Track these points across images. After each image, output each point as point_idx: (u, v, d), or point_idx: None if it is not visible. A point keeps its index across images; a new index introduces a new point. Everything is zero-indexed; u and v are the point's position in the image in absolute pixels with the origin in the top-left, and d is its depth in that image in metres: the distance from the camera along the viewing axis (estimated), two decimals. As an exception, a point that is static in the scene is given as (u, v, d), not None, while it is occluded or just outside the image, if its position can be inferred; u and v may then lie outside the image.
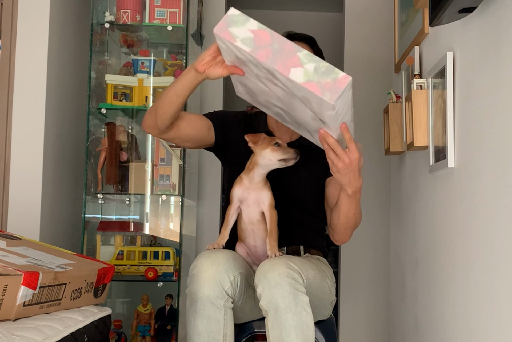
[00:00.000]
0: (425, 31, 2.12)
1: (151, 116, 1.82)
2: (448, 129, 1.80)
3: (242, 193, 1.81)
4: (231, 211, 1.83)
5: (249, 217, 1.82)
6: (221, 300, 1.67)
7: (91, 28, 2.74)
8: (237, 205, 1.83)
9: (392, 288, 2.89)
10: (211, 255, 1.71)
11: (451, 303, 1.83)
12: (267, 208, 1.80)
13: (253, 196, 1.81)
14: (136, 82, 2.74)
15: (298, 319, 1.62)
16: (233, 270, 1.70)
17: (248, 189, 1.81)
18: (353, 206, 1.78)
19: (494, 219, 1.48)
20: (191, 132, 1.94)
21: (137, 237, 2.78)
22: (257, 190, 1.80)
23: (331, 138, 1.60)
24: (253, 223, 1.83)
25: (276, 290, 1.62)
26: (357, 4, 3.37)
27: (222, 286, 1.67)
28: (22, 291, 1.48)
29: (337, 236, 1.92)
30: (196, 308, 1.68)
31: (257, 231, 1.83)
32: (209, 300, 1.66)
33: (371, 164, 3.26)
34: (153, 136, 1.96)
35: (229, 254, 1.74)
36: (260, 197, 1.81)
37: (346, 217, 1.82)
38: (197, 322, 1.68)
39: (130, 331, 2.77)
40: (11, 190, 2.50)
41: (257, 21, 1.46)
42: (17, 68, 2.53)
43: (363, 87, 3.30)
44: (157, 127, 1.83)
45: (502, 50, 1.44)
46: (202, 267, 1.68)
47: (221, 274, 1.67)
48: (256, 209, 1.81)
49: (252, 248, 1.86)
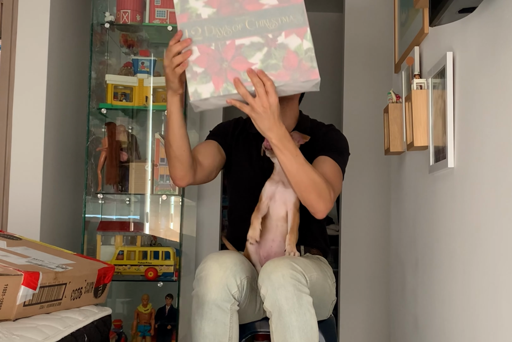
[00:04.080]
0: (425, 31, 2.12)
1: (175, 167, 1.85)
2: (448, 129, 1.80)
3: (271, 187, 1.84)
4: (263, 205, 1.84)
5: (276, 212, 1.84)
6: (227, 304, 1.68)
7: (91, 28, 2.74)
8: (266, 202, 1.85)
9: (392, 288, 2.89)
10: (219, 258, 1.71)
11: (451, 303, 1.83)
12: (291, 207, 1.83)
13: (280, 191, 1.83)
14: (136, 82, 2.74)
15: (302, 321, 1.63)
16: (240, 274, 1.70)
17: (277, 183, 1.84)
18: (288, 157, 1.70)
19: (494, 219, 1.48)
20: (211, 161, 1.97)
21: (137, 237, 2.78)
22: (285, 186, 1.83)
23: (243, 88, 1.60)
24: (278, 219, 1.85)
25: (280, 291, 1.62)
26: (357, 4, 3.37)
27: (229, 289, 1.67)
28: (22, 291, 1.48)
29: (306, 205, 1.81)
30: (202, 311, 1.68)
31: (281, 227, 1.85)
32: (216, 304, 1.67)
33: (371, 164, 3.26)
34: (190, 185, 1.97)
35: (236, 257, 1.74)
36: (287, 194, 1.83)
37: (293, 175, 1.73)
38: (203, 325, 1.68)
39: (130, 331, 2.77)
40: (11, 190, 2.50)
41: None
42: (17, 68, 2.53)
43: (363, 87, 3.30)
44: (188, 173, 1.86)
45: (502, 50, 1.44)
46: (210, 270, 1.68)
47: (228, 278, 1.67)
48: (282, 206, 1.84)
49: (268, 243, 1.87)
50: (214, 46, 1.61)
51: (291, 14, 1.58)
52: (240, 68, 1.60)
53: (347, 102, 3.35)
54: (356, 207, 3.29)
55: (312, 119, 2.11)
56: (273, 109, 1.62)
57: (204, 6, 1.62)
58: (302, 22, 1.59)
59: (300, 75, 1.58)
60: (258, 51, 1.59)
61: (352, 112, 3.32)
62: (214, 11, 1.61)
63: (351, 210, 3.29)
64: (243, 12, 1.60)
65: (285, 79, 1.59)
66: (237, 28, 1.60)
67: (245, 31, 1.60)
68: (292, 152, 1.71)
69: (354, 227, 3.28)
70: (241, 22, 1.60)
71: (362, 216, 3.28)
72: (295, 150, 1.71)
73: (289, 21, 1.58)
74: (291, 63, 1.59)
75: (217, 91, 1.61)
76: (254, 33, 1.60)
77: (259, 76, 1.58)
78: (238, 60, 1.60)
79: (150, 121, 2.81)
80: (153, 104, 2.76)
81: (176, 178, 1.88)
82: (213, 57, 1.61)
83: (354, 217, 3.29)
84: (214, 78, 1.61)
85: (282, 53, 1.59)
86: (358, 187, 3.26)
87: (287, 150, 1.70)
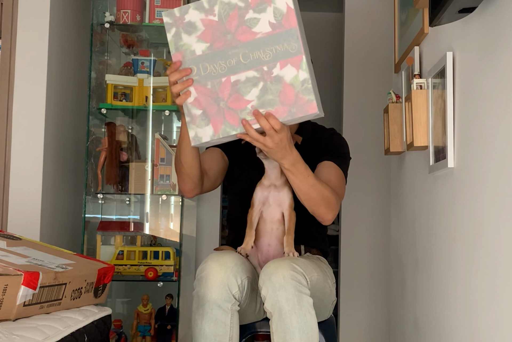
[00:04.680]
0: (425, 31, 2.12)
1: (185, 182, 1.88)
2: (448, 129, 1.80)
3: (262, 193, 1.83)
4: (254, 213, 1.84)
5: (270, 216, 1.84)
6: (228, 304, 1.68)
7: (91, 28, 2.74)
8: (259, 208, 1.84)
9: (392, 288, 2.89)
10: (220, 258, 1.71)
11: (451, 303, 1.83)
12: (287, 208, 1.82)
13: (274, 195, 1.82)
14: (136, 82, 2.74)
15: (303, 322, 1.63)
16: (241, 274, 1.70)
17: (269, 187, 1.83)
18: (300, 179, 1.73)
19: (494, 219, 1.48)
20: (216, 169, 1.99)
21: (137, 237, 2.78)
22: (278, 189, 1.82)
23: (253, 131, 1.58)
24: (273, 222, 1.84)
25: (280, 292, 1.62)
26: (357, 4, 3.37)
27: (230, 289, 1.67)
28: (22, 291, 1.48)
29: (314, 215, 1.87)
30: (203, 311, 1.68)
31: (276, 230, 1.85)
32: (217, 304, 1.67)
33: (371, 164, 3.26)
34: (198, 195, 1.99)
35: (237, 257, 1.74)
36: (281, 197, 1.82)
37: (304, 194, 1.77)
38: (203, 325, 1.68)
39: (130, 331, 2.77)
40: (11, 190, 2.50)
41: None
42: (17, 68, 2.53)
43: (363, 87, 3.30)
44: (197, 185, 1.89)
45: (502, 50, 1.44)
46: (211, 270, 1.68)
47: (229, 278, 1.67)
48: (277, 208, 1.83)
49: (265, 247, 1.87)
50: (210, 85, 1.59)
51: (285, 42, 1.52)
52: (237, 107, 1.57)
53: (347, 102, 3.35)
54: (356, 207, 3.29)
55: (312, 123, 2.11)
56: (284, 143, 1.62)
57: (198, 41, 1.59)
58: (296, 50, 1.52)
59: (297, 110, 1.53)
60: (254, 87, 1.55)
61: (352, 112, 3.32)
62: (207, 46, 1.58)
63: (351, 210, 3.29)
64: (236, 44, 1.56)
65: (283, 115, 1.54)
66: (232, 62, 1.56)
67: (239, 65, 1.56)
68: (304, 174, 1.73)
69: (354, 227, 3.28)
70: (235, 56, 1.56)
71: (362, 216, 3.28)
72: (306, 171, 1.73)
73: (284, 50, 1.53)
74: (288, 98, 1.53)
75: (216, 134, 1.59)
76: (249, 67, 1.55)
77: (268, 119, 1.55)
78: (235, 98, 1.57)
79: (150, 121, 2.81)
80: (153, 104, 2.76)
81: (185, 191, 1.92)
82: (210, 98, 1.59)
83: (354, 217, 3.29)
84: (212, 120, 1.59)
85: (278, 87, 1.54)
86: (358, 187, 3.25)
87: (299, 173, 1.72)
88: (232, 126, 1.58)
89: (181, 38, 1.61)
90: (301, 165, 1.72)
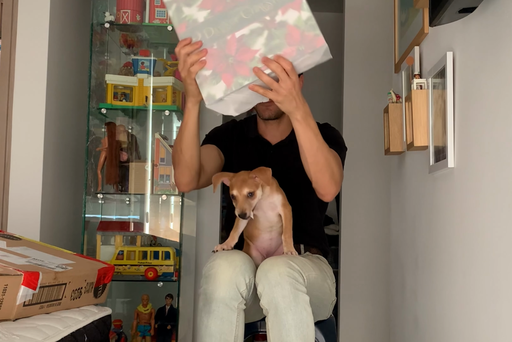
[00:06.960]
0: (425, 31, 2.12)
1: (183, 174, 1.86)
2: (448, 129, 1.80)
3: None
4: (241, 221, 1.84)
5: (268, 221, 1.84)
6: (235, 302, 1.67)
7: (91, 28, 2.74)
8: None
9: (392, 288, 2.89)
10: (228, 256, 1.71)
11: (451, 303, 1.83)
12: (281, 208, 1.82)
13: (266, 203, 1.81)
14: (136, 82, 2.74)
15: (298, 319, 1.63)
16: (249, 273, 1.70)
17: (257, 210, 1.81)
18: (309, 135, 1.72)
19: (494, 219, 1.48)
20: (212, 165, 1.98)
21: (137, 237, 2.78)
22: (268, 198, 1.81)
23: (266, 76, 1.58)
24: (271, 225, 1.85)
25: (276, 289, 1.63)
26: (357, 4, 3.36)
27: (238, 288, 1.67)
28: (22, 291, 1.48)
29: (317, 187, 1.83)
30: (210, 308, 1.67)
31: (275, 227, 1.85)
32: (224, 302, 1.66)
33: (371, 164, 3.26)
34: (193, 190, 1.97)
35: (244, 256, 1.75)
36: (273, 202, 1.82)
37: (311, 155, 1.75)
38: (210, 322, 1.68)
39: (130, 331, 2.77)
40: (11, 190, 2.50)
41: None
42: (17, 68, 2.53)
43: (363, 87, 3.30)
44: (194, 179, 1.88)
45: (502, 50, 1.44)
46: (219, 268, 1.68)
47: (237, 276, 1.67)
48: (272, 213, 1.83)
49: (266, 242, 1.87)
50: (216, 45, 1.61)
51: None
52: (245, 59, 1.58)
53: (347, 102, 3.34)
54: (356, 207, 3.29)
55: None
56: (296, 89, 1.62)
57: (199, 10, 1.61)
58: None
59: (306, 47, 1.55)
60: (259, 36, 1.57)
61: (352, 112, 3.32)
62: (208, 12, 1.61)
63: (351, 210, 3.29)
64: (236, 4, 1.59)
65: (292, 55, 1.56)
66: (234, 21, 1.59)
67: (242, 21, 1.58)
68: (314, 131, 1.73)
69: (354, 227, 3.28)
70: (236, 14, 1.58)
71: (362, 216, 3.28)
72: (316, 128, 1.73)
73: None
74: (294, 38, 1.55)
75: (229, 88, 1.60)
76: (252, 21, 1.58)
77: (277, 61, 1.56)
78: (242, 51, 1.58)
79: (150, 121, 2.81)
80: (153, 104, 2.76)
81: (182, 183, 1.90)
82: (217, 57, 1.61)
83: (354, 217, 3.29)
84: (223, 76, 1.60)
85: (283, 31, 1.56)
86: (358, 187, 3.25)
87: (310, 128, 1.72)
88: (243, 77, 1.59)
89: (182, 11, 1.63)
90: (311, 120, 1.72)
